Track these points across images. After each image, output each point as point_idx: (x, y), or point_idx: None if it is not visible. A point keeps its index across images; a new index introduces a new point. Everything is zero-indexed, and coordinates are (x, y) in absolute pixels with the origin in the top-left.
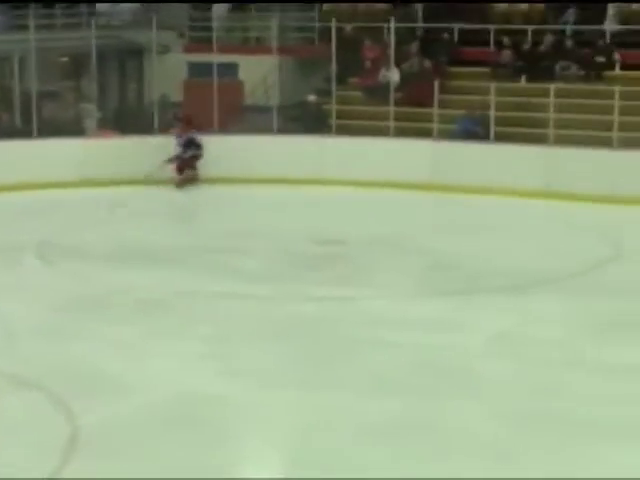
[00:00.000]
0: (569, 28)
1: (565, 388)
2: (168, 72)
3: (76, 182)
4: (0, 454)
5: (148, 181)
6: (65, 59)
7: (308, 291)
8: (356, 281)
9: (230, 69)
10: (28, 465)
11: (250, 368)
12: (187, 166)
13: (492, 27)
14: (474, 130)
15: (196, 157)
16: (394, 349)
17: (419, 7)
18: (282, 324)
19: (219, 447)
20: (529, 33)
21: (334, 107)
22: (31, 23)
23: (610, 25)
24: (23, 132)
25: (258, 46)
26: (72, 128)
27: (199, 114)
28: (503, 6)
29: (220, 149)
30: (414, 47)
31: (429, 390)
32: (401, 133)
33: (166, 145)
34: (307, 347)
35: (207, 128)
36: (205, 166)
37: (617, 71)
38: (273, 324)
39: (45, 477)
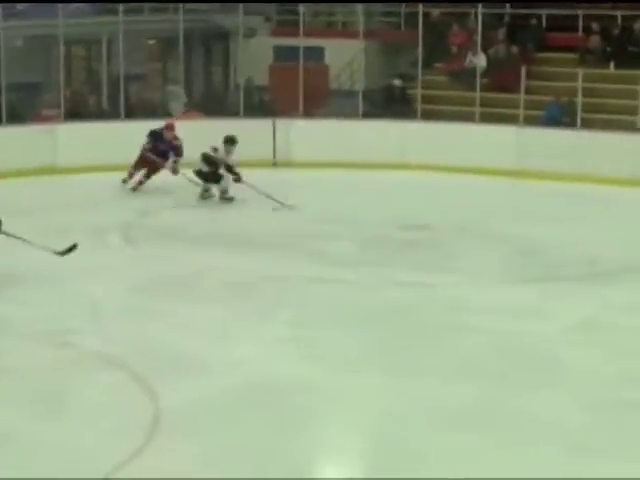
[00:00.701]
0: None
1: None
2: (254, 56)
3: None
4: (85, 432)
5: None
6: (153, 42)
7: (393, 276)
8: (441, 267)
9: (316, 53)
10: (112, 443)
11: (334, 353)
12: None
13: (580, 12)
14: (560, 119)
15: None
16: (477, 336)
17: None
18: (367, 309)
19: (300, 431)
20: (618, 18)
21: (419, 92)
22: (120, 6)
23: None
24: (110, 114)
25: (344, 30)
26: (158, 111)
27: (285, 97)
28: None
29: (305, 133)
30: (501, 33)
31: (511, 377)
32: (487, 119)
33: (250, 127)
34: (391, 332)
35: (292, 112)
36: (291, 150)
37: None
38: (358, 309)
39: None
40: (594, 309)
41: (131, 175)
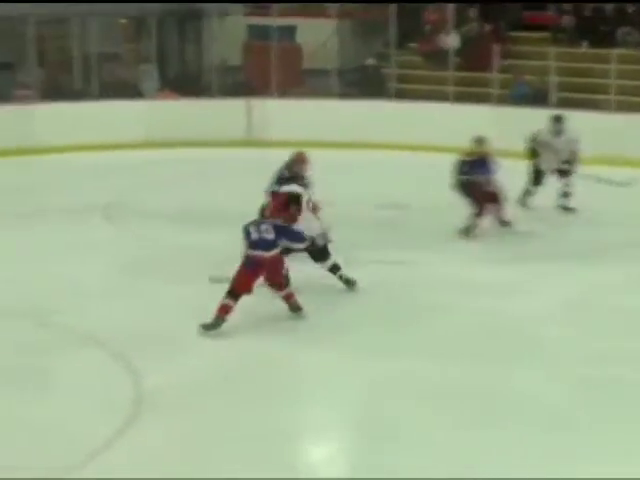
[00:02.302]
0: None
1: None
2: (227, 35)
3: (140, 143)
4: (67, 411)
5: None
6: (125, 21)
7: (372, 256)
8: (420, 246)
9: (289, 32)
10: (94, 422)
11: (308, 329)
12: None
13: None
14: (529, 96)
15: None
16: (457, 314)
17: None
18: (345, 287)
19: (282, 410)
20: None
21: (394, 71)
22: None
23: None
24: (82, 94)
25: (317, 9)
26: (131, 90)
27: (259, 77)
28: None
29: (279, 113)
30: (472, 11)
31: (490, 356)
32: (460, 98)
33: (224, 107)
34: (373, 312)
35: (266, 91)
36: (265, 129)
37: None
38: (335, 287)
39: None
40: (575, 288)
41: None
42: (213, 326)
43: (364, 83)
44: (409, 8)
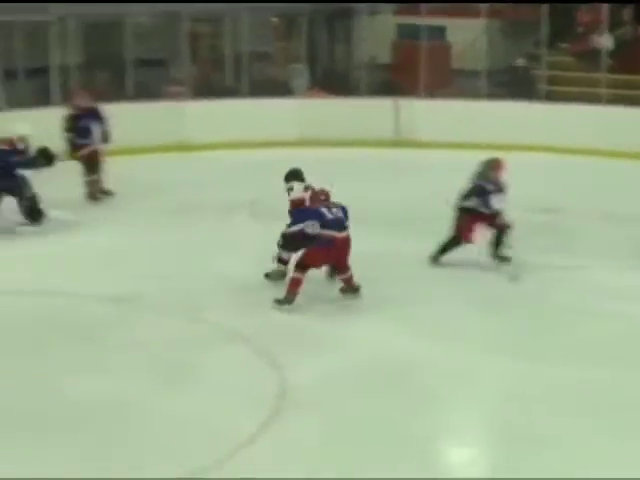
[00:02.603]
0: None
1: None
2: (377, 34)
3: (289, 141)
4: (213, 406)
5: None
6: (276, 20)
7: (527, 260)
8: (575, 250)
9: (438, 32)
10: (239, 417)
11: (463, 334)
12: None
13: None
14: None
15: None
16: (613, 321)
17: None
18: (502, 292)
19: (423, 410)
20: None
21: (544, 72)
22: None
23: None
24: (233, 91)
25: (466, 9)
26: (281, 88)
27: (406, 76)
28: None
29: (427, 113)
30: (627, 12)
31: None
32: (613, 101)
33: (372, 107)
34: (525, 315)
35: (414, 90)
36: (411, 130)
37: None
38: (493, 291)
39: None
40: None
41: None
42: (287, 301)
43: (513, 84)
44: (561, 8)
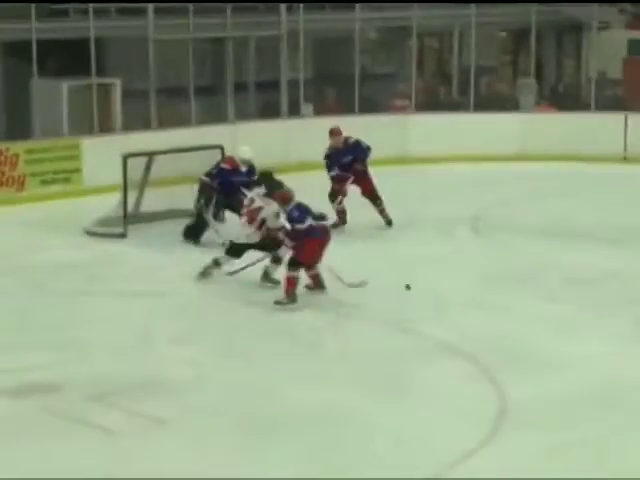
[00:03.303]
0: None
1: None
2: (607, 48)
3: (513, 156)
4: (428, 420)
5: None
6: (504, 34)
7: None
8: None
9: None
10: (453, 432)
11: None
12: None
13: None
14: None
15: None
16: None
17: None
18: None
19: None
20: None
21: None
22: None
23: None
24: (459, 106)
25: None
26: (508, 104)
27: (637, 93)
28: None
29: None
30: None
31: None
32: None
33: (601, 122)
34: None
35: None
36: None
37: None
38: None
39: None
40: None
41: None
42: (289, 301)
43: None
44: None
